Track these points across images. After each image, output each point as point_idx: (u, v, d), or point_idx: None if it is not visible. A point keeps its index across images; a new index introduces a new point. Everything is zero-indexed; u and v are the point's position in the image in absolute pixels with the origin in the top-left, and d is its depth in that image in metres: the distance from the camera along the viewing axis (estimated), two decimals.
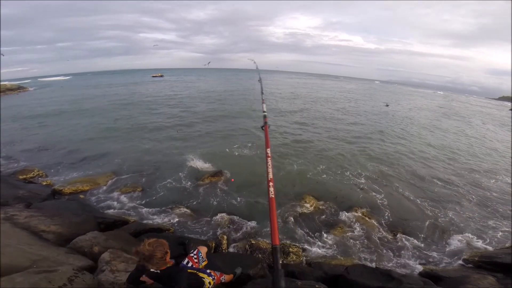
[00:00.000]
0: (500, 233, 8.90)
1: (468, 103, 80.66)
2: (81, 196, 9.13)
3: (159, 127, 19.31)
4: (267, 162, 2.22)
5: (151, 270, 2.58)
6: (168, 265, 2.69)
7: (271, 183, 1.99)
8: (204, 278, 3.23)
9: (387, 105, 40.58)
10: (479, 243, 8.32)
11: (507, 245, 8.12)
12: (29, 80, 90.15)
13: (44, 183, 9.67)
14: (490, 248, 8.00)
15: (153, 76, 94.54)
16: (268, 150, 2.39)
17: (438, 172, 14.08)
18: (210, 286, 3.23)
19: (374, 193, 10.82)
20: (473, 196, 11.52)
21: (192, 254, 3.60)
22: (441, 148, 18.95)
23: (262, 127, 3.23)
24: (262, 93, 4.68)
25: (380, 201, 10.25)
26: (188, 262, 3.50)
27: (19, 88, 52.13)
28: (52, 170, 11.34)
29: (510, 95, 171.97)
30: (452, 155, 17.68)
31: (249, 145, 15.47)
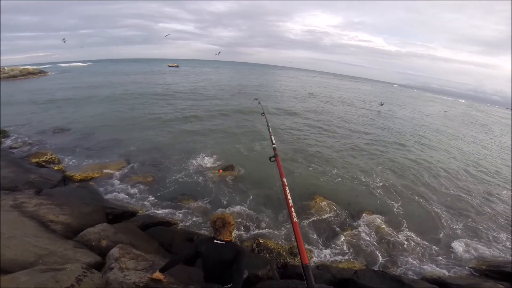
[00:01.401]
0: (508, 243, 8.59)
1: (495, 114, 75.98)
2: (91, 183, 8.92)
3: (173, 118, 18.98)
4: (285, 191, 2.45)
5: (216, 241, 2.93)
6: (229, 239, 3.04)
7: (292, 209, 2.22)
8: None
9: (381, 104, 39.59)
10: (487, 253, 8.00)
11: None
12: (50, 65, 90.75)
13: (56, 168, 9.47)
14: (499, 258, 7.70)
15: (169, 66, 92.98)
16: (284, 180, 2.58)
17: (453, 181, 13.49)
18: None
19: (386, 198, 10.43)
20: (486, 208, 11.05)
21: None
22: (461, 159, 18.05)
23: (270, 158, 3.37)
24: (268, 126, 4.89)
25: (392, 207, 9.90)
26: None
27: (40, 73, 52.50)
28: (66, 155, 11.16)
29: None
30: (469, 165, 16.95)
31: (261, 141, 15.01)
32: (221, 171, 10.74)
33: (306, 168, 12.42)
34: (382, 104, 39.27)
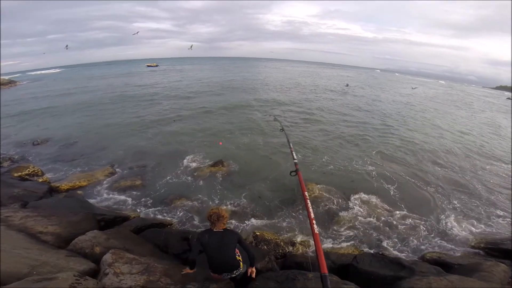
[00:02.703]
0: (506, 220, 8.92)
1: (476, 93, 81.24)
2: (79, 192, 8.90)
3: (156, 119, 18.85)
4: (307, 205, 2.62)
5: (214, 230, 3.41)
6: (226, 227, 3.57)
7: (314, 221, 2.43)
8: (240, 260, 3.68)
9: (347, 85, 45.29)
10: (485, 230, 8.33)
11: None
12: (19, 74, 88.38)
13: (41, 180, 9.39)
14: (496, 235, 8.00)
15: (148, 66, 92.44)
16: (306, 194, 2.71)
17: (444, 159, 14.01)
18: (241, 269, 3.64)
19: (380, 180, 10.75)
20: (478, 183, 11.52)
21: None
22: (449, 137, 18.83)
23: (291, 172, 3.57)
24: (289, 142, 5.01)
25: (387, 188, 10.20)
26: None
27: (10, 83, 50.83)
28: (49, 167, 11.08)
29: (507, 85, 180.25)
30: (456, 142, 17.69)
31: (248, 135, 15.32)
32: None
33: (299, 155, 12.73)
34: (347, 85, 45.50)
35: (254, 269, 3.70)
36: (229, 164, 11.27)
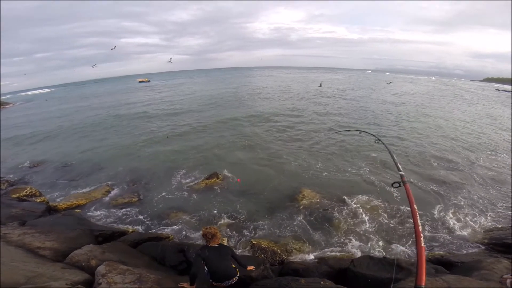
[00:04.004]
0: (508, 212, 9.10)
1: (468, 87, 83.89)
2: (77, 210, 9.23)
3: (150, 137, 19.16)
4: (415, 218, 2.45)
5: (211, 245, 4.02)
6: (220, 243, 4.20)
7: (421, 234, 2.27)
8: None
9: (320, 85, 50.23)
10: (488, 224, 8.47)
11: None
12: (10, 95, 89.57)
13: (39, 200, 9.70)
14: (501, 230, 8.04)
15: (140, 81, 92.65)
16: (415, 207, 2.58)
17: (441, 153, 14.54)
18: (238, 276, 4.20)
19: (375, 181, 11.08)
20: (478, 176, 11.85)
21: None
22: (445, 131, 19.60)
23: (394, 184, 3.51)
24: (391, 153, 4.90)
25: (382, 188, 10.48)
26: None
27: (2, 104, 52.02)
28: (47, 188, 11.43)
29: (494, 77, 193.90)
30: (453, 138, 18.15)
31: (243, 148, 15.69)
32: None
33: (289, 164, 13.18)
34: (320, 85, 50.62)
35: (251, 267, 4.63)
36: (224, 177, 11.60)
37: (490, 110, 33.14)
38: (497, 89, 78.64)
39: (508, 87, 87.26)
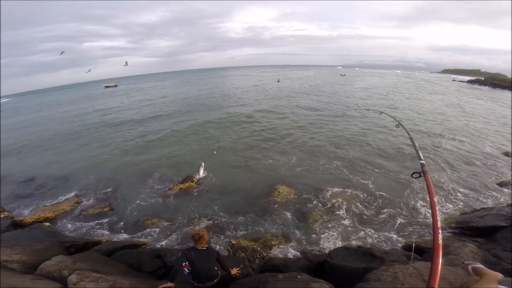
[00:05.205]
0: (469, 197, 9.85)
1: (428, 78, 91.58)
2: (47, 224, 8.95)
3: (118, 146, 18.52)
4: (434, 211, 2.37)
5: (199, 248, 4.27)
6: (207, 246, 4.46)
7: (439, 231, 2.21)
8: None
9: (278, 81, 56.51)
10: (454, 208, 9.15)
11: (478, 207, 8.92)
12: None
13: (3, 216, 9.34)
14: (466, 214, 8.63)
15: (106, 86, 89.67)
16: (435, 199, 2.51)
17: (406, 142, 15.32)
18: (217, 279, 4.44)
19: (348, 173, 11.69)
20: (444, 161, 12.83)
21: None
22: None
23: (413, 174, 3.28)
24: (411, 139, 4.53)
25: (355, 180, 11.05)
26: None
27: None
28: (11, 204, 10.90)
29: (450, 68, 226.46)
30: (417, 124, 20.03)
31: (217, 151, 15.72)
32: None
33: (264, 162, 13.58)
34: (278, 81, 57.32)
35: (234, 270, 4.95)
36: (199, 179, 11.72)
37: (452, 99, 36.57)
38: (453, 80, 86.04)
39: (463, 77, 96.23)
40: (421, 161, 3.42)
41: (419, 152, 3.73)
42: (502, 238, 6.35)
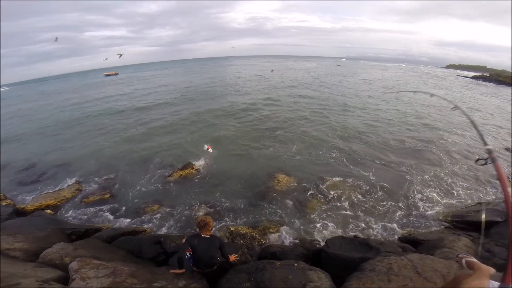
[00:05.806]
0: (468, 191, 9.87)
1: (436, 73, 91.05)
2: (48, 211, 9.08)
3: (119, 133, 18.54)
4: (508, 201, 2.20)
5: (202, 235, 4.42)
6: (211, 234, 4.58)
7: None
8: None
9: (272, 71, 56.52)
10: (452, 202, 9.21)
11: (474, 201, 9.03)
12: None
13: (4, 204, 9.48)
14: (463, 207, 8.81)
15: (106, 75, 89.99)
16: (509, 190, 2.28)
17: (411, 136, 15.62)
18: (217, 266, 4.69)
19: (348, 164, 11.79)
20: (445, 155, 12.82)
21: None
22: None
23: (478, 160, 2.83)
24: (473, 122, 3.52)
25: (356, 171, 11.11)
26: None
27: None
28: (13, 191, 11.00)
29: (455, 63, 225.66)
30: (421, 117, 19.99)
31: (218, 138, 15.84)
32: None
33: (265, 150, 13.72)
34: (272, 71, 57.45)
35: (233, 256, 5.10)
36: (199, 166, 11.84)
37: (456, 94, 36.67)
38: (458, 75, 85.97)
39: (468, 73, 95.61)
40: (488, 147, 2.81)
41: (483, 136, 3.13)
42: (496, 233, 6.44)
